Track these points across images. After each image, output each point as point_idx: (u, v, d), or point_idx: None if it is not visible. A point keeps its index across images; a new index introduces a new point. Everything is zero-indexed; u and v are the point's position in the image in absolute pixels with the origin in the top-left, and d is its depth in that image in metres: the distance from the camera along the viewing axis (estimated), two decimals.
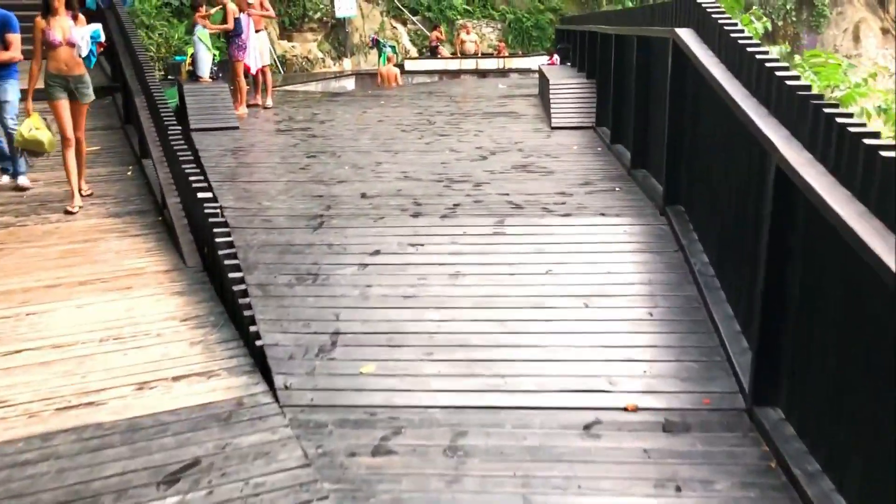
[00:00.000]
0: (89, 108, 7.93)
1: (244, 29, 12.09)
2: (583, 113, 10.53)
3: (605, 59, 9.55)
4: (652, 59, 7.13)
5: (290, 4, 22.41)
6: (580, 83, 11.12)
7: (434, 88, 16.51)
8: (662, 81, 6.68)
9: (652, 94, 7.18)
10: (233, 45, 11.96)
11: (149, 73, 8.81)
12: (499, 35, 24.58)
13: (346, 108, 12.98)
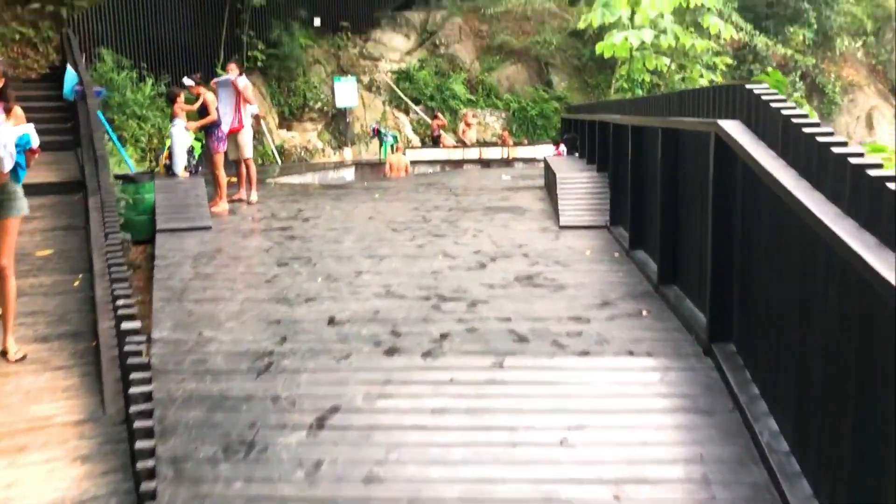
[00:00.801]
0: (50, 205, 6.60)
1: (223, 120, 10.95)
2: (595, 210, 9.17)
3: (620, 151, 8.26)
4: (682, 154, 5.78)
5: (290, 94, 21.54)
6: (590, 177, 9.81)
7: (434, 179, 15.30)
8: (698, 181, 5.32)
9: (683, 195, 5.80)
10: (211, 136, 10.76)
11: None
12: (503, 124, 23.61)
13: (336, 202, 11.70)
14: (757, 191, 4.22)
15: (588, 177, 9.79)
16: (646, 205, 7.02)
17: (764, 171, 3.82)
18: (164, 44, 19.17)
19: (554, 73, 24.66)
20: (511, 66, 24.68)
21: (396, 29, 24.82)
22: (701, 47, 15.78)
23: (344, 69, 22.85)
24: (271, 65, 21.24)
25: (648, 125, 6.49)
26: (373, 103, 22.51)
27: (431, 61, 24.05)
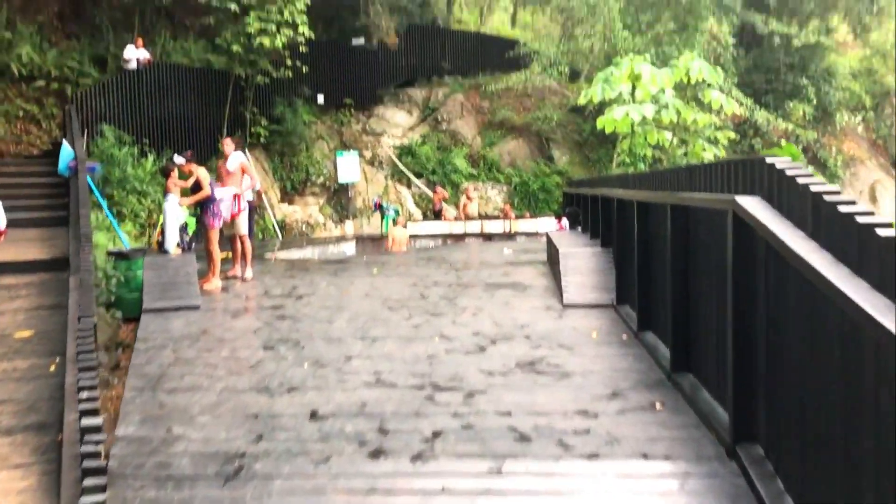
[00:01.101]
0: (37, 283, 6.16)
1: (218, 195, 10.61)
2: (600, 288, 8.68)
3: (626, 227, 7.83)
4: (695, 232, 5.32)
5: (292, 169, 21.38)
6: (594, 253, 9.35)
7: (435, 254, 14.87)
8: (712, 260, 4.85)
9: (695, 275, 5.32)
10: (206, 211, 10.40)
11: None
12: (505, 197, 23.37)
13: (333, 278, 11.23)
14: (784, 274, 3.74)
15: (592, 252, 9.34)
16: (654, 284, 6.54)
17: (793, 254, 3.34)
18: (168, 120, 19.09)
19: (555, 148, 24.55)
20: (512, 140, 24.60)
21: (399, 105, 24.86)
22: (703, 122, 15.57)
23: (347, 144, 22.77)
24: (274, 140, 21.14)
25: (656, 201, 6.06)
26: (375, 177, 22.33)
27: (433, 136, 23.99)
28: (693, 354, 5.38)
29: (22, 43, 18.07)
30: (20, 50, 17.88)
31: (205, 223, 10.48)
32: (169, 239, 10.37)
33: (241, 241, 11.08)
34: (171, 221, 10.35)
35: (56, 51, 18.82)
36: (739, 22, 23.70)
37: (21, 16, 19.27)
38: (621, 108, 14.72)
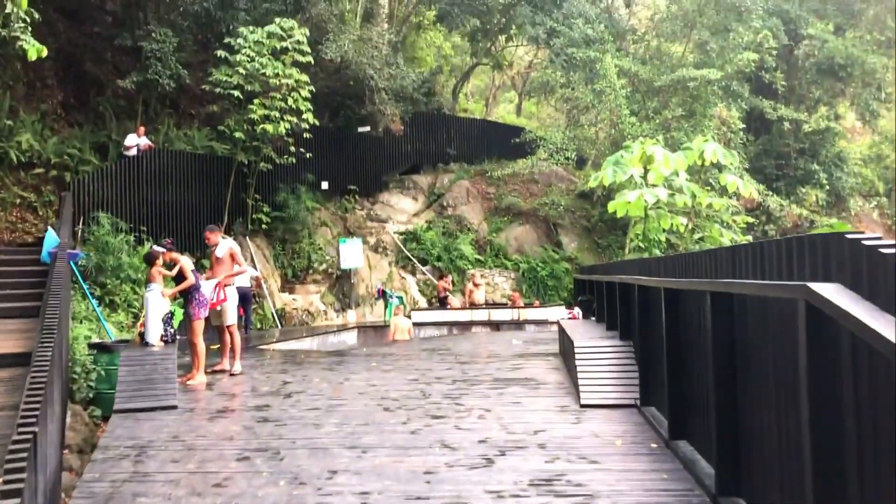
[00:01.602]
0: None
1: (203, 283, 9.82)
2: (621, 386, 7.70)
3: (649, 317, 6.93)
4: (743, 324, 4.41)
5: (294, 256, 20.66)
6: (614, 346, 8.40)
7: (439, 344, 13.91)
8: (770, 360, 3.93)
9: (748, 376, 4.38)
10: (191, 301, 9.58)
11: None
12: (512, 285, 22.51)
13: (328, 372, 10.27)
14: (881, 377, 2.83)
15: (610, 346, 8.39)
16: (690, 385, 5.58)
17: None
18: (168, 207, 18.52)
19: (563, 234, 23.87)
20: (519, 226, 23.96)
21: (404, 192, 24.38)
22: (718, 206, 14.85)
23: (350, 231, 22.15)
24: (276, 227, 20.53)
25: (693, 288, 5.17)
26: (379, 264, 21.58)
27: (439, 222, 23.39)
28: (747, 476, 4.38)
29: (22, 131, 17.72)
30: (20, 137, 17.50)
31: (189, 314, 9.66)
32: (151, 330, 9.50)
33: (228, 333, 10.22)
34: (153, 312, 9.50)
35: (57, 138, 18.46)
36: (748, 108, 23.36)
37: (24, 104, 19.02)
38: (634, 191, 14.02)
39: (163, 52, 18.77)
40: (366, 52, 21.11)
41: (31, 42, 11.40)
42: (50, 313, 7.10)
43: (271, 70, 18.40)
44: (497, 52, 30.17)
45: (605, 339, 8.88)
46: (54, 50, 20.86)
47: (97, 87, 20.72)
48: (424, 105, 25.60)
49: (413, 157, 25.16)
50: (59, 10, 21.09)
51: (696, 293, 5.14)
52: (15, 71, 18.73)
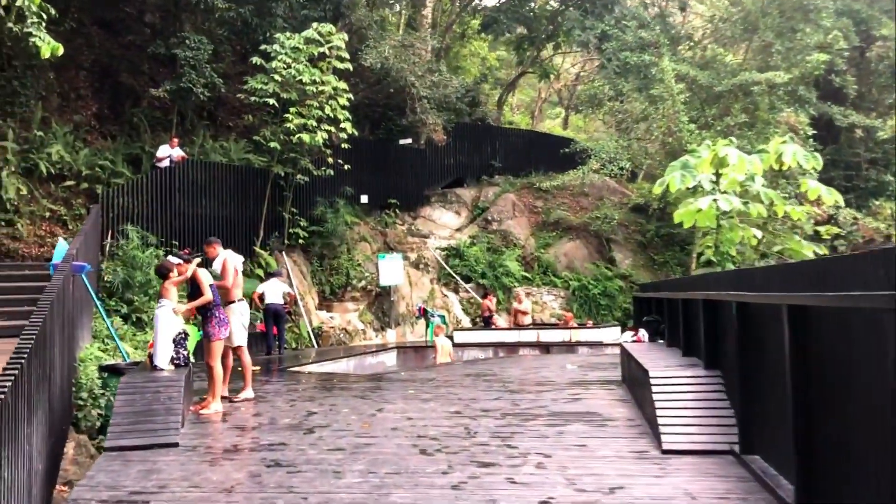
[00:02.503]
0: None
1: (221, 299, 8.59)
2: (711, 427, 6.18)
3: (755, 342, 5.43)
4: None
5: (332, 273, 19.48)
6: (697, 377, 6.88)
7: (484, 368, 12.48)
8: None
9: None
10: (210, 319, 8.35)
11: None
12: (562, 304, 20.98)
13: (359, 401, 8.93)
14: None
15: (693, 376, 6.89)
16: (827, 434, 4.08)
17: None
18: (201, 220, 17.52)
19: (616, 250, 22.27)
20: (569, 242, 22.45)
21: (447, 206, 23.11)
22: (797, 215, 13.16)
23: (391, 246, 20.92)
24: (314, 242, 19.41)
25: (840, 306, 3.69)
26: (420, 281, 20.27)
27: (483, 237, 22.02)
28: None
29: (54, 142, 16.91)
30: (51, 149, 16.69)
31: (207, 333, 8.43)
32: (160, 352, 8.27)
33: (237, 355, 9.01)
34: (163, 331, 8.27)
35: (89, 150, 17.63)
36: (815, 114, 21.55)
37: (58, 115, 18.28)
38: (705, 197, 12.42)
39: (197, 59, 17.87)
40: (407, 59, 19.93)
41: (44, 39, 10.41)
42: (29, 331, 5.91)
43: (308, 77, 17.34)
44: (545, 62, 28.78)
45: (685, 367, 7.35)
46: (90, 61, 20.27)
47: (132, 99, 19.94)
48: (468, 116, 24.37)
49: (456, 169, 23.91)
50: (97, 22, 20.45)
51: (848, 312, 3.66)
52: (48, 81, 18.01)
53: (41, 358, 6.31)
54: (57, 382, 7.38)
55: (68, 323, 8.40)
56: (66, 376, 8.32)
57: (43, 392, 6.42)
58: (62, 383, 7.89)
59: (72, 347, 8.86)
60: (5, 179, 15.62)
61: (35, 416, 5.88)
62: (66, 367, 8.30)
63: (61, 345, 7.80)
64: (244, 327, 9.01)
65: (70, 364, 8.79)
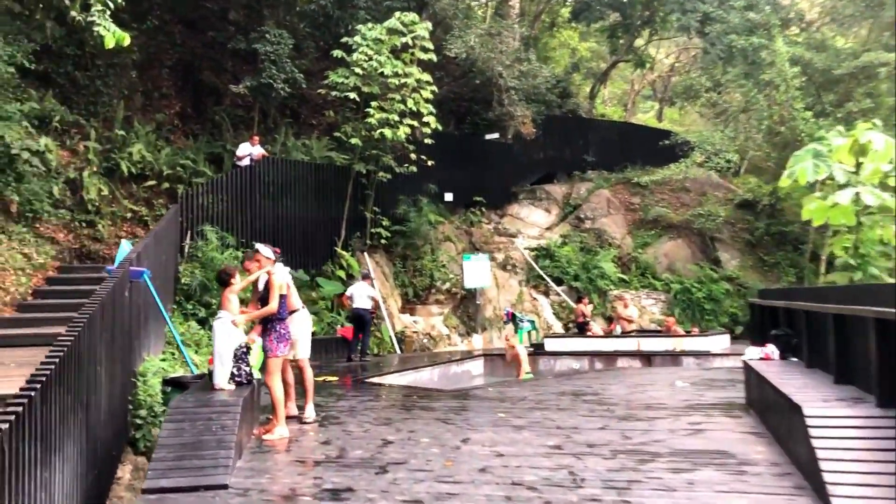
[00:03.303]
0: None
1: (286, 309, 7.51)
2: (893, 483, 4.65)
3: None
4: None
5: (415, 274, 18.39)
6: (870, 417, 5.31)
7: (582, 385, 11.05)
8: None
9: None
10: (270, 333, 7.30)
11: None
12: (662, 308, 19.23)
13: (442, 426, 7.71)
14: None
15: (864, 417, 5.32)
16: None
17: None
18: (281, 220, 16.77)
19: (722, 250, 20.31)
20: (669, 241, 20.63)
21: (536, 203, 21.68)
22: None
23: (476, 246, 19.68)
24: (396, 242, 18.38)
25: None
26: (507, 283, 18.94)
27: (575, 237, 20.49)
28: None
29: (135, 142, 16.46)
30: (132, 148, 16.23)
31: (265, 348, 7.39)
32: (219, 370, 7.27)
33: (299, 368, 7.93)
34: (222, 346, 7.27)
35: (170, 149, 17.13)
36: None
37: (141, 114, 17.89)
38: (845, 190, 10.58)
39: (277, 54, 17.10)
40: (494, 48, 18.61)
41: (109, 28, 9.61)
42: (53, 354, 4.96)
43: (390, 69, 16.28)
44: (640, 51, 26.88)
45: (848, 403, 5.76)
46: (174, 59, 19.88)
47: (215, 97, 19.44)
48: (558, 107, 22.86)
49: (546, 164, 22.44)
50: (181, 21, 20.06)
51: None
52: (131, 80, 17.63)
53: (72, 382, 5.35)
54: (102, 404, 6.46)
55: (121, 333, 7.52)
56: (119, 393, 7.44)
57: (76, 421, 5.47)
58: (112, 403, 6.99)
59: (129, 360, 8.01)
60: (87, 180, 15.22)
61: (58, 456, 4.89)
62: (119, 384, 7.42)
63: (110, 359, 6.90)
64: (306, 337, 7.92)
65: (126, 379, 7.94)
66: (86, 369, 5.81)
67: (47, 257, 13.55)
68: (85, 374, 5.78)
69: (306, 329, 7.99)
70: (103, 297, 6.46)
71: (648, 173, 21.62)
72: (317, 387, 10.70)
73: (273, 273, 7.41)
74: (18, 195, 13.39)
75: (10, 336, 9.83)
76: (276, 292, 7.29)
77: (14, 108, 13.65)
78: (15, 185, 13.15)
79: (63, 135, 15.67)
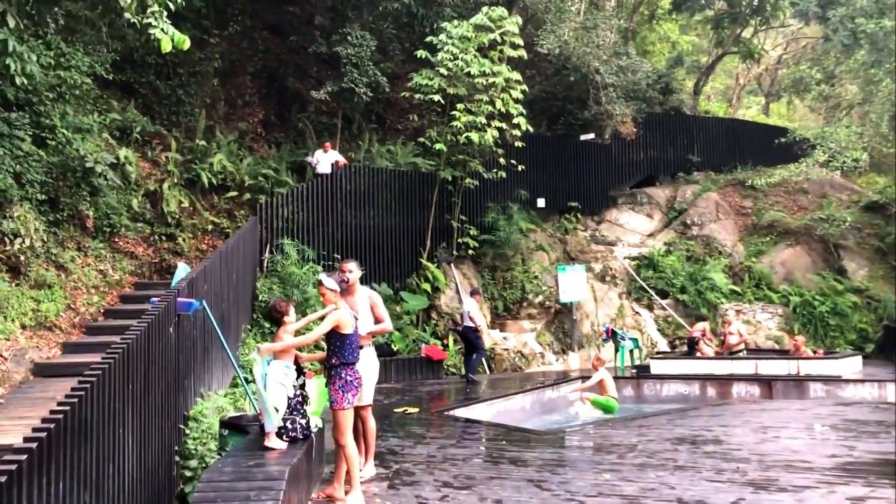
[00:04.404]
0: None
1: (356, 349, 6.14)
2: None
3: None
4: None
5: (505, 286, 16.92)
6: None
7: (698, 426, 9.30)
8: None
9: None
10: (335, 380, 5.96)
11: None
12: (780, 323, 17.01)
13: (534, 490, 6.23)
14: None
15: None
16: None
17: None
18: (364, 231, 15.68)
19: (848, 258, 17.87)
20: (787, 248, 18.35)
21: (637, 208, 19.79)
22: None
23: (572, 256, 18.02)
24: (485, 252, 16.97)
25: None
26: (606, 297, 17.18)
27: (681, 244, 18.49)
28: None
29: (217, 152, 15.72)
30: (213, 159, 15.48)
31: (331, 400, 6.06)
32: (269, 420, 6.01)
33: (360, 418, 6.56)
34: (274, 395, 5.99)
35: (252, 158, 16.32)
36: None
37: (224, 124, 17.20)
38: None
39: (359, 56, 16.00)
40: (590, 42, 16.89)
41: (167, 31, 8.58)
42: (54, 415, 3.82)
43: (477, 68, 14.87)
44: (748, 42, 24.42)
45: None
46: (259, 66, 19.17)
47: (299, 104, 18.59)
48: (660, 105, 20.86)
49: (647, 166, 20.52)
50: (266, 27, 19.34)
51: None
52: (213, 89, 16.93)
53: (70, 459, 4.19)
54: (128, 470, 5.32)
55: (163, 377, 6.41)
56: (159, 447, 6.32)
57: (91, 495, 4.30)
58: (147, 463, 5.87)
59: (176, 404, 6.91)
60: (167, 192, 14.54)
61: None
62: (159, 436, 6.31)
63: (145, 412, 5.78)
64: (371, 381, 6.56)
65: (173, 425, 6.84)
66: (96, 436, 4.66)
67: (124, 273, 12.88)
68: (94, 444, 4.63)
69: (372, 371, 6.64)
70: (128, 345, 5.31)
71: (762, 174, 19.36)
72: (394, 423, 9.42)
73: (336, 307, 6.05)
74: (95, 209, 12.77)
75: (68, 365, 9.00)
76: (328, 326, 5.92)
77: (92, 120, 13.03)
78: (90, 199, 12.50)
79: (144, 146, 15.08)
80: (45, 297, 10.52)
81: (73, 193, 12.18)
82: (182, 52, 15.97)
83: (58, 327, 10.39)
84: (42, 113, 12.02)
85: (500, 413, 11.38)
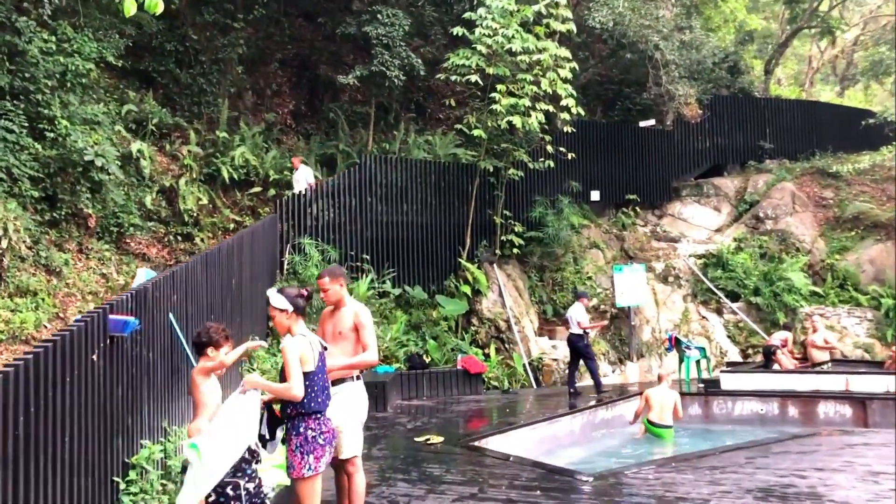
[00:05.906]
0: None
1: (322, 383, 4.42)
2: None
3: None
4: None
5: (554, 289, 15.01)
6: None
7: (784, 469, 7.27)
8: None
9: None
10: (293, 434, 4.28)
11: None
12: (869, 329, 14.61)
13: None
14: None
15: None
16: None
17: None
18: (396, 228, 14.03)
19: None
20: (876, 244, 15.91)
21: (702, 200, 17.60)
22: None
23: (630, 255, 15.99)
24: (532, 251, 15.10)
25: None
26: (669, 300, 15.08)
27: (753, 240, 16.26)
28: None
29: (240, 145, 14.31)
30: (235, 152, 14.06)
31: (288, 465, 4.37)
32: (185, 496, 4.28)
33: (346, 472, 4.83)
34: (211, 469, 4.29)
35: (277, 151, 14.85)
36: None
37: (251, 115, 15.80)
38: None
39: (390, 37, 14.32)
40: (648, 13, 14.79)
41: None
42: None
43: (519, 44, 13.01)
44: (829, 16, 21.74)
45: None
46: (291, 54, 17.73)
47: (331, 92, 17.05)
48: (727, 87, 18.56)
49: (713, 154, 18.30)
50: (300, 14, 17.87)
51: None
52: (237, 77, 15.53)
53: None
54: None
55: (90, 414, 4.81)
56: None
57: None
58: None
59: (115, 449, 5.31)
60: (183, 188, 13.17)
61: None
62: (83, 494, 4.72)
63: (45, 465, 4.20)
64: (353, 425, 4.82)
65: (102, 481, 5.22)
66: None
67: (131, 277, 11.53)
68: None
69: (357, 412, 4.90)
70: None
71: (843, 161, 16.91)
72: (409, 458, 7.71)
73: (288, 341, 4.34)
74: (103, 207, 11.46)
75: None
76: (293, 369, 4.24)
77: (98, 111, 11.70)
78: (92, 196, 11.18)
79: (162, 139, 13.77)
80: (26, 307, 9.19)
81: (73, 190, 10.88)
82: (205, 38, 14.49)
83: (37, 340, 9.04)
84: (41, 102, 10.73)
85: (544, 440, 9.55)
